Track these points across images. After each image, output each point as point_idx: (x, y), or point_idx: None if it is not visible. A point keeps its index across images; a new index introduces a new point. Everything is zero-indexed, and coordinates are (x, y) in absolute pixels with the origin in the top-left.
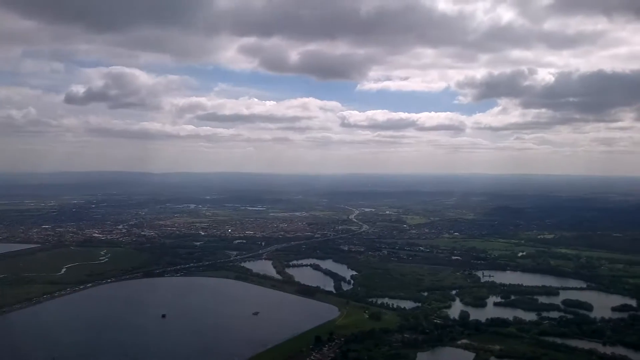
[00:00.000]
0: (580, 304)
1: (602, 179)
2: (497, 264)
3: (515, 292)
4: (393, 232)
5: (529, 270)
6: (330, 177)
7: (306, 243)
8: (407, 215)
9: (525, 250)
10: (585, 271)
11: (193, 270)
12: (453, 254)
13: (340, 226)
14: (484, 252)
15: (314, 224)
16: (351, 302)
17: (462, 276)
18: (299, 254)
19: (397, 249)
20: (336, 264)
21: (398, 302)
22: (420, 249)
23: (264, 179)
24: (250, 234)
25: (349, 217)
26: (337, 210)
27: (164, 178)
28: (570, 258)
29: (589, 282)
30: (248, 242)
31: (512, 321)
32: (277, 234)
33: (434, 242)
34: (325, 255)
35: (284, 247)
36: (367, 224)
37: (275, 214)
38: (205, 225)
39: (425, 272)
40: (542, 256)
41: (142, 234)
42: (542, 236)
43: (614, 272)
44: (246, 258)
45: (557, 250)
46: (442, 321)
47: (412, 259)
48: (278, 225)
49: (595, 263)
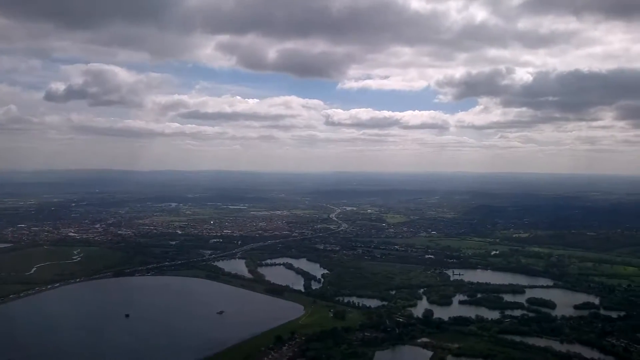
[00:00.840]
0: (544, 302)
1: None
2: (469, 263)
3: (481, 291)
4: (371, 231)
5: (499, 268)
6: (316, 176)
7: (282, 242)
8: (387, 214)
9: (498, 249)
10: (554, 270)
11: (165, 270)
12: (427, 253)
13: (319, 225)
14: (458, 251)
15: (293, 223)
16: (318, 301)
17: (432, 275)
18: (274, 253)
19: (373, 248)
20: (310, 262)
21: (365, 300)
22: (396, 247)
23: (250, 177)
24: (228, 232)
25: (329, 216)
26: (318, 209)
27: (150, 176)
28: (542, 257)
29: (556, 280)
30: (224, 241)
31: (474, 319)
32: (255, 232)
33: (410, 241)
34: (300, 254)
35: (260, 245)
36: (347, 222)
37: (255, 212)
38: (183, 224)
39: (396, 271)
40: (515, 255)
41: (118, 233)
42: (517, 235)
43: (582, 271)
44: (220, 257)
45: (530, 248)
46: (405, 320)
47: (386, 257)
48: (257, 224)
49: (566, 261)
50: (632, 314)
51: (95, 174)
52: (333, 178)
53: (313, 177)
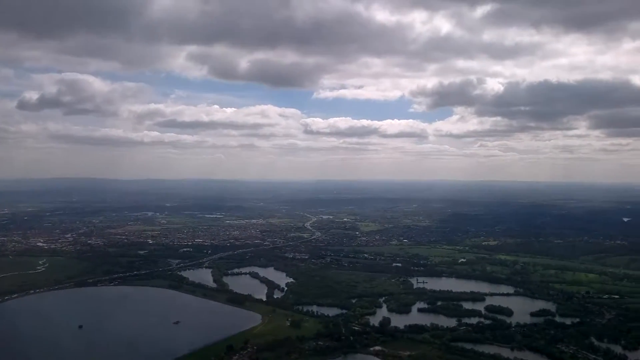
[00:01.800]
0: (502, 310)
1: (565, 185)
2: (435, 271)
3: (442, 299)
4: (343, 240)
5: (464, 276)
6: (297, 184)
7: (252, 251)
8: (363, 222)
9: (466, 257)
10: (517, 277)
11: (129, 280)
12: (395, 261)
13: (293, 233)
14: (426, 259)
15: (266, 232)
16: (278, 310)
17: (396, 283)
18: (242, 262)
19: (342, 256)
20: (276, 271)
21: (326, 309)
22: (365, 256)
23: (231, 185)
24: (199, 241)
25: (304, 225)
26: (295, 218)
27: (130, 185)
28: (507, 264)
29: (518, 288)
30: (194, 250)
31: (428, 327)
32: (227, 241)
33: (381, 249)
34: (268, 262)
35: (229, 255)
36: (321, 231)
37: (231, 221)
38: (156, 233)
39: (361, 279)
40: (481, 263)
41: (87, 243)
42: (486, 243)
43: (545, 278)
44: (187, 266)
45: (497, 256)
46: (361, 328)
47: (353, 266)
48: (230, 232)
49: (530, 269)
50: (585, 321)
51: (75, 183)
52: (314, 186)
53: (294, 186)
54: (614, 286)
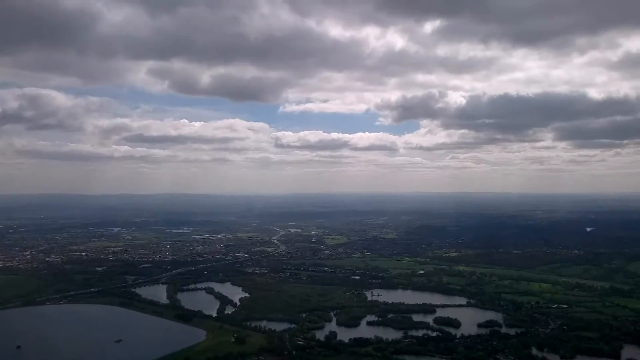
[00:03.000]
0: (450, 321)
1: (536, 196)
2: (392, 283)
3: (393, 311)
4: (306, 253)
5: (419, 288)
6: (271, 198)
7: (213, 266)
8: (330, 235)
9: (425, 269)
10: (472, 288)
11: (80, 297)
12: (354, 274)
13: (257, 248)
14: (385, 271)
15: (231, 246)
16: (225, 325)
17: (351, 296)
18: (200, 278)
19: (301, 270)
20: (233, 286)
21: (275, 324)
22: (325, 269)
23: (204, 199)
24: (161, 257)
25: (270, 239)
26: (263, 232)
27: (101, 200)
28: (464, 275)
29: (471, 299)
30: (153, 266)
31: (373, 340)
32: (188, 257)
33: (343, 262)
34: (226, 278)
35: (188, 270)
36: (286, 245)
37: (197, 236)
38: (118, 249)
39: (315, 293)
40: (439, 274)
41: (45, 260)
42: (447, 254)
43: (499, 289)
44: (144, 283)
45: (456, 267)
46: (305, 342)
47: (311, 279)
48: (194, 248)
49: (486, 280)
50: (529, 331)
51: (45, 199)
52: (288, 200)
53: (268, 199)
54: (564, 296)
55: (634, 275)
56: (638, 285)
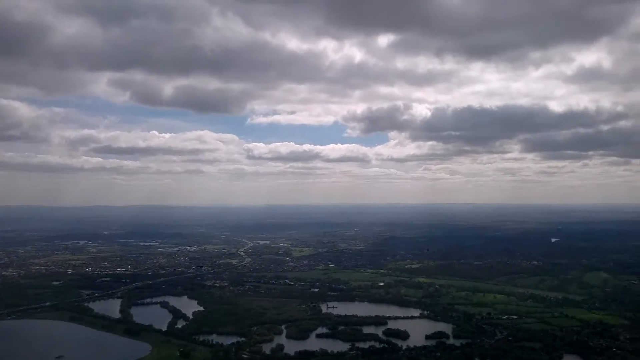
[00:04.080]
0: (399, 333)
1: (509, 206)
2: (350, 295)
3: (345, 323)
4: (270, 265)
5: (376, 300)
6: (247, 209)
7: (173, 279)
8: (298, 247)
9: (385, 280)
10: (428, 300)
11: (30, 312)
12: (314, 286)
13: (222, 260)
14: (345, 283)
15: (196, 259)
16: (173, 339)
17: (306, 309)
18: (157, 291)
19: (262, 283)
20: (190, 300)
21: (225, 337)
22: (286, 281)
23: (178, 211)
24: (121, 270)
25: (237, 251)
26: (231, 244)
27: (73, 212)
28: (423, 287)
29: (424, 310)
30: (112, 280)
31: (318, 353)
32: (150, 270)
33: (305, 274)
34: (184, 291)
35: (147, 284)
36: (252, 257)
37: (163, 249)
38: (80, 262)
39: (271, 306)
40: (398, 286)
41: (2, 274)
42: (409, 266)
43: (454, 300)
44: (99, 297)
45: (416, 279)
46: (251, 356)
47: (270, 292)
48: (157, 261)
49: (443, 291)
50: (475, 342)
51: (14, 211)
52: (262, 212)
53: (243, 211)
54: (517, 307)
55: (587, 285)
56: (590, 295)
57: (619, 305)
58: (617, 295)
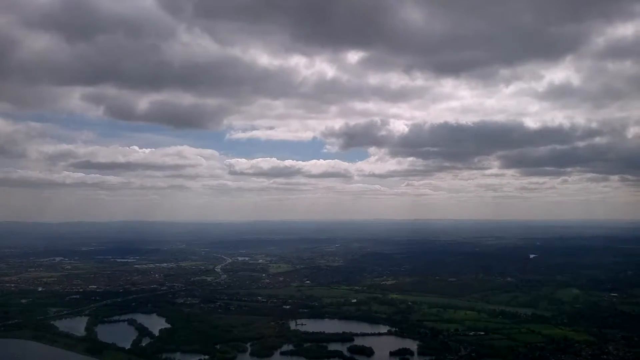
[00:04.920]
0: (364, 350)
1: (493, 222)
2: (321, 312)
3: (311, 340)
4: (245, 282)
5: (346, 317)
6: (232, 225)
7: (144, 296)
8: (276, 263)
9: (359, 297)
10: (398, 317)
11: None
12: (286, 303)
13: (197, 277)
14: (318, 300)
15: (171, 276)
16: (134, 358)
17: (274, 326)
18: (126, 309)
19: (234, 300)
20: (158, 317)
21: (188, 356)
22: (259, 298)
23: (162, 227)
24: (93, 288)
25: (214, 267)
26: (209, 260)
27: (55, 228)
28: (395, 303)
29: (394, 327)
30: (82, 297)
31: None
32: (122, 287)
33: (278, 291)
34: (154, 308)
35: (117, 301)
36: (228, 273)
37: (140, 265)
38: (52, 280)
39: (240, 324)
40: (370, 303)
41: None
42: (384, 282)
43: (425, 317)
44: (66, 315)
45: (390, 296)
46: None
47: (240, 309)
48: (131, 277)
49: (415, 308)
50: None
51: None
52: (246, 227)
53: (225, 227)
54: (486, 323)
55: (558, 302)
56: (560, 311)
57: (587, 321)
58: (585, 311)
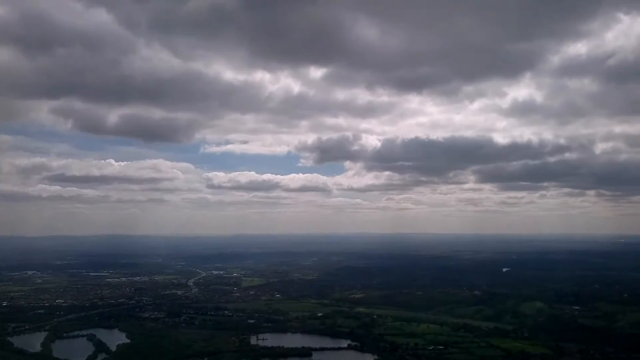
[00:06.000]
0: None
1: (474, 236)
2: (285, 326)
3: (269, 355)
4: (215, 296)
5: (310, 331)
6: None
7: (110, 311)
8: (250, 277)
9: (325, 311)
10: (361, 330)
11: None
12: (251, 317)
13: (168, 291)
14: (285, 314)
15: (141, 290)
16: None
17: (235, 341)
18: (89, 323)
19: (200, 314)
20: (119, 332)
21: None
22: (225, 312)
23: (142, 241)
24: (60, 302)
25: (187, 281)
26: (184, 274)
27: (34, 242)
28: (360, 317)
29: (355, 341)
30: (46, 312)
31: None
32: (90, 301)
33: (247, 305)
34: (117, 323)
35: (81, 315)
36: (200, 287)
37: (112, 279)
38: (20, 294)
39: (201, 338)
40: (335, 316)
41: None
42: (354, 296)
43: (387, 330)
44: (26, 330)
45: (356, 309)
46: None
47: (204, 324)
48: (100, 292)
49: (379, 321)
50: None
51: None
52: (227, 241)
53: (206, 241)
54: (447, 337)
55: (521, 315)
56: (521, 325)
57: (546, 334)
58: (546, 324)
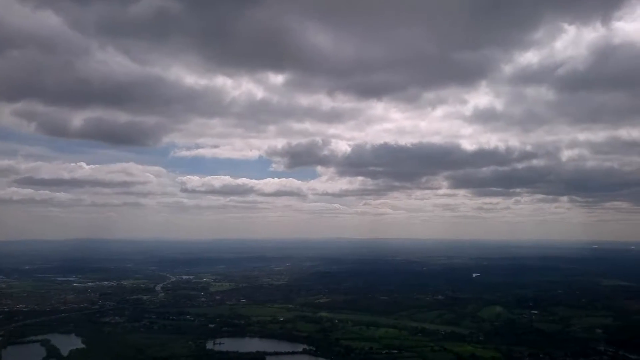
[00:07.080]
0: None
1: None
2: (243, 331)
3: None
4: (180, 301)
5: (268, 336)
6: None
7: (70, 316)
8: (220, 282)
9: (287, 315)
10: (319, 335)
11: None
12: (212, 322)
13: (134, 296)
14: (246, 319)
15: (106, 294)
16: None
17: (190, 345)
18: (45, 328)
19: (161, 319)
20: (75, 337)
21: None
22: (187, 317)
23: (117, 245)
24: (20, 307)
25: (155, 286)
26: (153, 279)
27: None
28: (320, 322)
29: (311, 345)
30: (4, 317)
31: None
32: (52, 306)
33: (211, 309)
34: (75, 328)
35: (39, 321)
36: (167, 292)
37: (79, 284)
38: None
39: (157, 343)
40: (296, 321)
41: None
42: (318, 300)
43: (345, 335)
44: None
45: (319, 314)
46: None
47: (163, 328)
48: (65, 296)
49: (339, 326)
50: None
51: None
52: (204, 245)
53: (183, 245)
54: (404, 341)
55: (480, 320)
56: (478, 329)
57: (501, 338)
58: (502, 328)
